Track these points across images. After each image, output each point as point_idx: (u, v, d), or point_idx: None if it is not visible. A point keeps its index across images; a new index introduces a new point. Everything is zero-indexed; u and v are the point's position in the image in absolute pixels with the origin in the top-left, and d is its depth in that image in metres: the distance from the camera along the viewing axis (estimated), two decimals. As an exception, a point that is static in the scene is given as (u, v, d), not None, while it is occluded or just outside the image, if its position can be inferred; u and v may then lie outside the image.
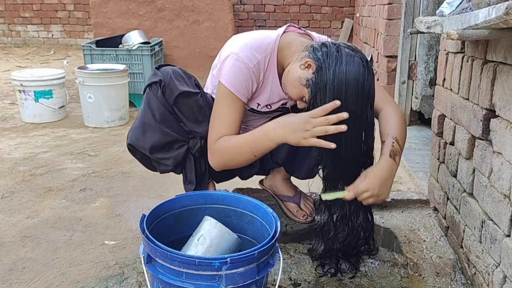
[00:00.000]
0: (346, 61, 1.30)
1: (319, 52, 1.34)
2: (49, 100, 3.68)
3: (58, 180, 2.49)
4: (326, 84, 1.30)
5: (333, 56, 1.31)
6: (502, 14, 0.93)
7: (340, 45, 1.34)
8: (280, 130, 1.37)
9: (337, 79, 1.29)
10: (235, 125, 1.49)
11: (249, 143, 1.43)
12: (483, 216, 1.42)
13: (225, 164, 1.52)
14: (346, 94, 1.29)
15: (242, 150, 1.45)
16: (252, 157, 1.46)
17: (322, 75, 1.31)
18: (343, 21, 6.83)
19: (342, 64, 1.30)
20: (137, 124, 1.64)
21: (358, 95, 1.30)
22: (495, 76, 1.35)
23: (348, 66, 1.30)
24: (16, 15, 8.11)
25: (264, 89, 1.56)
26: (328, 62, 1.31)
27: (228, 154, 1.48)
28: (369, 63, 1.34)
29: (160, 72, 1.60)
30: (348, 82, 1.29)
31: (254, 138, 1.43)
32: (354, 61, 1.31)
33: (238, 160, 1.49)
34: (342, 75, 1.29)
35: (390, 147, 1.46)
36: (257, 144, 1.42)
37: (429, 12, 3.01)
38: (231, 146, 1.46)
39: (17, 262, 1.69)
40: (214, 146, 1.49)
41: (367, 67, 1.32)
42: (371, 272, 1.61)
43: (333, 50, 1.33)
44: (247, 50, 1.47)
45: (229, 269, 1.14)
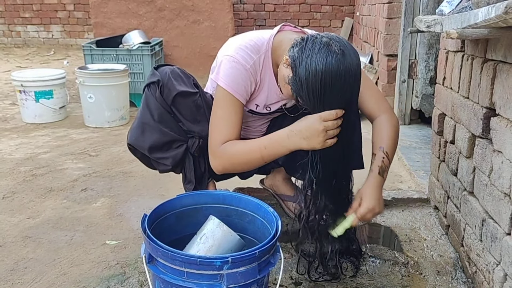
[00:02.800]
0: (317, 52, 1.25)
1: (296, 47, 1.32)
2: (50, 100, 3.68)
3: (59, 180, 2.49)
4: (301, 79, 1.27)
5: (306, 50, 1.28)
6: (502, 13, 0.94)
7: (317, 37, 1.30)
8: (294, 138, 1.36)
9: (310, 72, 1.25)
10: (237, 127, 1.49)
11: (261, 150, 1.42)
12: (484, 214, 1.42)
13: (232, 169, 1.52)
14: (324, 86, 1.25)
15: (253, 157, 1.44)
16: (262, 163, 1.47)
17: (297, 71, 1.29)
18: (343, 20, 6.82)
19: (314, 57, 1.25)
20: (136, 124, 1.64)
21: (335, 85, 1.25)
22: (495, 74, 1.35)
23: (319, 57, 1.25)
24: (16, 16, 8.11)
25: (261, 90, 1.56)
26: (301, 57, 1.28)
27: (238, 159, 1.47)
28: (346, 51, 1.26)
29: (159, 72, 1.61)
30: (321, 73, 1.24)
31: (266, 145, 1.42)
32: (327, 50, 1.25)
33: (247, 165, 1.50)
34: (313, 67, 1.24)
35: (380, 163, 1.47)
36: (270, 151, 1.42)
37: (429, 11, 3.01)
38: (242, 152, 1.46)
39: (18, 262, 1.69)
40: (219, 151, 1.47)
41: (342, 55, 1.25)
42: (371, 270, 1.61)
43: (309, 43, 1.29)
44: (243, 51, 1.47)
45: (230, 269, 1.14)
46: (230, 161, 1.48)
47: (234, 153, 1.46)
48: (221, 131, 1.48)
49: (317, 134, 1.31)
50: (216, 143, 1.48)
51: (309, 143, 1.33)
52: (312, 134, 1.32)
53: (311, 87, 1.26)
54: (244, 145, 1.47)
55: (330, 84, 1.24)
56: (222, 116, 1.49)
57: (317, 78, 1.24)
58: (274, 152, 1.42)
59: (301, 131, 1.34)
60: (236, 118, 1.49)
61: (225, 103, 1.48)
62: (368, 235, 1.90)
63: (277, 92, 1.56)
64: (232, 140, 1.47)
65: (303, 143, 1.35)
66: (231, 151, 1.46)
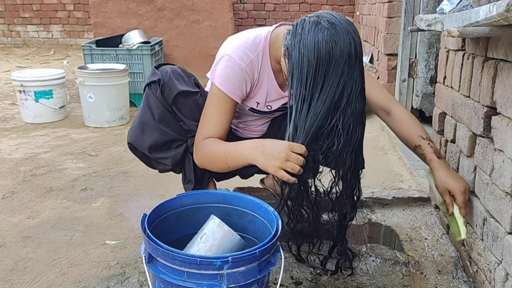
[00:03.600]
0: (307, 33, 1.22)
1: (288, 35, 1.30)
2: (50, 100, 3.68)
3: (59, 180, 2.49)
4: (295, 65, 1.25)
5: (297, 35, 1.25)
6: (503, 11, 0.93)
7: (305, 19, 1.26)
8: (253, 151, 1.36)
9: (304, 55, 1.22)
10: (224, 125, 1.50)
11: (225, 154, 1.44)
12: (485, 213, 1.41)
13: (204, 165, 1.54)
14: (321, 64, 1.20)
15: (218, 158, 1.46)
16: (226, 167, 1.47)
17: (291, 58, 1.26)
18: (343, 20, 6.82)
19: (305, 39, 1.22)
20: (136, 123, 1.64)
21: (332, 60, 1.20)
22: (496, 73, 1.35)
23: (310, 38, 1.21)
24: (16, 16, 8.11)
25: (260, 87, 1.56)
26: (293, 43, 1.25)
27: (208, 157, 1.49)
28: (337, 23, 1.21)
29: (159, 71, 1.61)
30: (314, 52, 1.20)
31: (230, 151, 1.43)
32: (316, 28, 1.21)
33: (213, 165, 1.51)
34: (306, 49, 1.21)
35: (432, 149, 1.49)
36: (232, 157, 1.43)
37: (429, 10, 3.01)
38: (212, 151, 1.47)
39: (18, 262, 1.69)
40: (199, 145, 1.50)
41: (333, 28, 1.20)
42: (372, 270, 1.60)
43: (298, 27, 1.26)
44: (240, 50, 1.48)
45: (231, 268, 1.14)
46: (204, 158, 1.50)
47: (207, 151, 1.48)
48: (207, 128, 1.49)
49: (276, 157, 1.29)
50: (200, 138, 1.50)
51: (264, 161, 1.32)
52: (271, 154, 1.31)
53: (306, 69, 1.23)
54: (217, 145, 1.47)
55: (327, 61, 1.20)
56: (211, 112, 1.50)
57: (311, 58, 1.21)
58: (234, 158, 1.42)
59: (263, 146, 1.35)
60: (224, 117, 1.49)
61: (217, 100, 1.49)
62: (369, 234, 1.90)
63: (276, 89, 1.56)
64: (215, 137, 1.48)
65: (259, 159, 1.34)
66: (206, 148, 1.48)
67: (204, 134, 1.50)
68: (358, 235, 1.87)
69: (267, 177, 2.04)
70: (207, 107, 1.52)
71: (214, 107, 1.50)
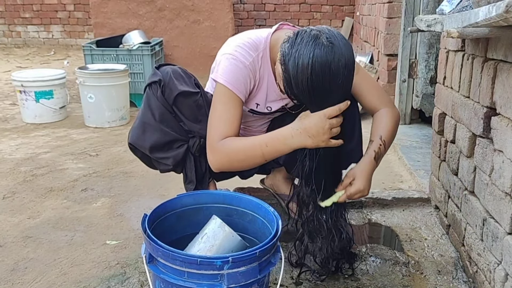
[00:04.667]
0: (305, 46, 1.24)
1: (287, 43, 1.31)
2: (50, 100, 3.68)
3: (59, 180, 2.49)
4: (291, 75, 1.27)
5: (295, 44, 1.27)
6: (502, 12, 0.93)
7: (307, 30, 1.29)
8: (298, 136, 1.35)
9: (298, 67, 1.24)
10: (235, 123, 1.47)
11: (262, 148, 1.41)
12: (485, 214, 1.42)
13: (229, 165, 1.49)
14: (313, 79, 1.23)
15: (254, 154, 1.42)
16: (263, 161, 1.45)
17: (286, 67, 1.29)
18: (343, 20, 6.82)
19: (302, 50, 1.24)
20: (137, 123, 1.64)
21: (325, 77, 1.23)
22: (496, 74, 1.35)
23: (306, 51, 1.23)
24: (16, 16, 8.11)
25: (261, 88, 1.56)
26: (290, 52, 1.27)
27: (237, 156, 1.45)
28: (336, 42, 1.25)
29: (160, 71, 1.61)
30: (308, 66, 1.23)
31: (268, 143, 1.40)
32: (315, 43, 1.24)
33: (246, 162, 1.47)
34: (300, 62, 1.24)
35: (376, 149, 1.48)
36: (272, 149, 1.40)
37: (429, 11, 3.01)
38: (241, 148, 1.44)
39: (19, 263, 1.69)
40: (218, 146, 1.45)
41: (331, 47, 1.23)
42: (372, 270, 1.61)
43: (298, 37, 1.28)
44: (241, 49, 1.48)
45: (231, 268, 1.14)
46: (228, 158, 1.45)
47: (233, 149, 1.44)
48: (220, 127, 1.46)
49: (323, 132, 1.31)
50: (215, 139, 1.45)
51: (314, 141, 1.33)
52: (318, 132, 1.32)
53: (300, 81, 1.25)
54: (244, 142, 1.46)
55: (320, 77, 1.23)
56: (221, 111, 1.47)
57: (305, 72, 1.23)
58: (276, 150, 1.41)
59: (305, 129, 1.34)
60: (235, 114, 1.47)
61: (225, 99, 1.47)
62: (369, 234, 1.90)
63: (276, 90, 1.56)
64: (231, 136, 1.46)
65: (308, 141, 1.34)
66: (230, 147, 1.44)
67: (220, 135, 1.45)
68: (358, 236, 1.87)
69: (267, 177, 2.04)
70: (216, 107, 1.48)
71: (222, 106, 1.47)
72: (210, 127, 1.49)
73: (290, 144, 1.38)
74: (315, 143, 1.34)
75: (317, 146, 1.34)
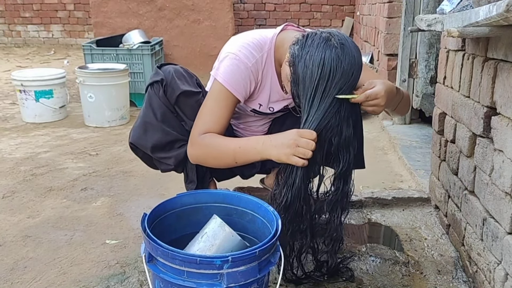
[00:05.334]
0: (316, 48, 1.26)
1: (297, 45, 1.32)
2: (50, 100, 3.68)
3: (59, 180, 2.49)
4: (300, 75, 1.27)
5: (306, 46, 1.28)
6: (503, 11, 0.93)
7: (317, 33, 1.30)
8: (266, 144, 1.36)
9: (308, 68, 1.25)
10: (222, 122, 1.48)
11: (235, 149, 1.42)
12: (485, 213, 1.41)
13: (204, 160, 1.51)
14: (323, 79, 1.24)
15: (226, 153, 1.44)
16: (233, 163, 1.45)
17: (296, 68, 1.29)
18: (344, 20, 6.82)
19: (313, 52, 1.25)
20: (138, 123, 1.64)
21: (334, 78, 1.24)
22: (496, 73, 1.35)
23: (317, 52, 1.25)
24: (16, 15, 8.10)
25: (263, 88, 1.55)
26: (301, 54, 1.28)
27: (211, 152, 1.46)
28: (346, 44, 1.26)
29: (162, 71, 1.60)
30: (319, 67, 1.24)
31: (241, 146, 1.42)
32: (326, 45, 1.25)
33: (218, 160, 1.48)
34: (311, 62, 1.25)
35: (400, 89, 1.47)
36: (243, 152, 1.41)
37: (429, 10, 3.01)
38: (217, 145, 1.45)
39: (18, 262, 1.69)
40: (197, 139, 1.47)
41: (341, 49, 1.25)
42: (372, 270, 1.61)
43: (309, 39, 1.29)
44: (245, 49, 1.47)
45: (231, 268, 1.14)
46: (203, 152, 1.47)
47: (209, 145, 1.45)
48: (205, 122, 1.47)
49: (287, 145, 1.30)
50: (197, 132, 1.47)
51: (277, 152, 1.33)
52: (282, 143, 1.32)
53: (308, 81, 1.26)
54: (221, 140, 1.46)
55: (329, 77, 1.24)
56: (211, 107, 1.48)
57: (315, 72, 1.24)
58: (246, 153, 1.41)
59: (275, 138, 1.35)
60: (224, 112, 1.48)
61: (218, 96, 1.47)
62: (369, 234, 1.90)
63: (279, 91, 1.55)
64: (214, 133, 1.47)
65: (272, 151, 1.34)
66: (207, 142, 1.45)
67: (203, 128, 1.47)
68: (358, 235, 1.87)
69: (267, 177, 2.04)
70: (207, 102, 1.49)
71: (215, 103, 1.48)
72: (197, 119, 1.49)
73: (259, 151, 1.38)
74: (277, 154, 1.33)
75: (279, 158, 1.33)
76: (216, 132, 1.47)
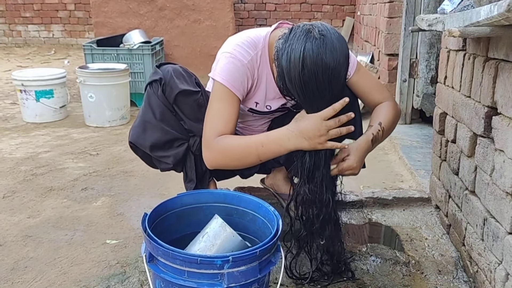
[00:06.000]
0: (297, 40, 1.25)
1: (281, 39, 1.31)
2: (50, 99, 3.68)
3: (60, 180, 2.49)
4: (283, 70, 1.27)
5: (288, 40, 1.27)
6: (504, 11, 0.93)
7: (300, 25, 1.29)
8: (294, 139, 1.35)
9: (289, 61, 1.25)
10: (232, 121, 1.47)
11: (257, 147, 1.40)
12: (485, 213, 1.41)
13: (225, 163, 1.48)
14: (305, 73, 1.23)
15: (249, 153, 1.42)
16: (258, 161, 1.44)
17: (279, 62, 1.29)
18: (344, 20, 6.82)
19: (294, 45, 1.25)
20: (137, 122, 1.64)
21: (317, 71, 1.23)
22: (497, 73, 1.35)
23: (298, 45, 1.24)
24: (17, 15, 8.11)
25: (259, 86, 1.56)
26: (283, 47, 1.28)
27: (232, 154, 1.44)
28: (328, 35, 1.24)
29: (161, 70, 1.61)
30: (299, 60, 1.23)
31: (264, 143, 1.40)
32: (306, 37, 1.24)
33: (241, 161, 1.46)
34: (292, 56, 1.24)
35: (375, 132, 1.48)
36: (267, 150, 1.40)
37: (430, 10, 3.01)
38: (237, 147, 1.43)
39: (19, 262, 1.69)
40: (214, 144, 1.44)
41: (322, 40, 1.23)
42: (373, 270, 1.60)
43: (291, 33, 1.28)
44: (240, 47, 1.48)
45: (231, 268, 1.14)
46: (223, 155, 1.45)
47: (228, 147, 1.44)
48: (216, 124, 1.45)
49: (319, 134, 1.30)
50: (211, 136, 1.45)
51: (311, 143, 1.33)
52: (314, 134, 1.31)
53: (292, 76, 1.25)
54: (240, 140, 1.45)
55: (311, 70, 1.23)
56: (218, 109, 1.47)
57: (297, 65, 1.24)
58: (271, 151, 1.40)
59: (302, 131, 1.33)
60: (232, 112, 1.47)
61: (222, 96, 1.47)
62: (369, 234, 1.90)
63: (275, 89, 1.55)
64: (227, 134, 1.45)
65: (304, 144, 1.34)
66: (226, 145, 1.43)
67: (215, 132, 1.44)
68: (359, 235, 1.87)
69: (267, 177, 2.04)
70: (212, 105, 1.48)
71: (220, 103, 1.46)
72: (206, 124, 1.48)
73: (286, 146, 1.37)
74: (312, 145, 1.33)
75: (314, 148, 1.34)
76: (228, 132, 1.45)
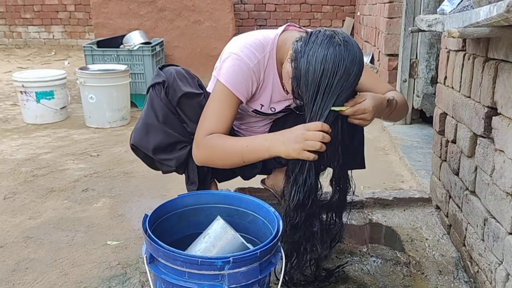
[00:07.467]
0: (320, 44, 1.26)
1: (300, 41, 1.32)
2: (51, 101, 3.68)
3: (60, 181, 2.49)
4: (302, 71, 1.27)
5: (310, 43, 1.28)
6: (503, 11, 0.93)
7: (321, 30, 1.30)
8: (274, 141, 1.35)
9: (310, 63, 1.25)
10: (227, 122, 1.47)
11: (242, 148, 1.41)
12: (486, 214, 1.41)
13: (211, 161, 1.50)
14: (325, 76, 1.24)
15: (234, 153, 1.43)
16: (241, 162, 1.45)
17: (298, 63, 1.29)
18: (344, 20, 6.82)
19: (316, 48, 1.26)
20: (140, 124, 1.64)
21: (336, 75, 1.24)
22: (497, 74, 1.35)
23: (321, 49, 1.25)
24: (17, 16, 8.11)
25: (265, 89, 1.56)
26: (304, 50, 1.28)
27: (218, 152, 1.46)
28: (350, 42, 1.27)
29: (164, 72, 1.60)
30: (321, 63, 1.24)
31: (248, 145, 1.41)
32: (330, 42, 1.25)
33: (225, 161, 1.47)
34: (314, 59, 1.25)
35: (391, 98, 1.46)
36: (251, 151, 1.40)
37: (430, 10, 3.01)
38: (223, 145, 1.44)
39: (20, 263, 1.69)
40: (203, 141, 1.46)
41: (345, 46, 1.25)
42: (373, 270, 1.61)
43: (313, 36, 1.29)
44: (248, 49, 1.47)
45: (232, 269, 1.14)
46: (209, 153, 1.46)
47: (215, 145, 1.45)
48: (210, 123, 1.46)
49: (295, 140, 1.30)
50: (202, 133, 1.46)
51: (286, 149, 1.32)
52: (289, 139, 1.31)
53: (311, 78, 1.26)
54: (228, 140, 1.46)
55: (331, 74, 1.24)
56: (215, 108, 1.48)
57: (317, 68, 1.24)
58: (254, 152, 1.40)
59: (282, 135, 1.34)
60: (228, 113, 1.47)
61: (221, 97, 1.47)
62: (370, 235, 1.90)
63: (280, 91, 1.56)
64: (219, 133, 1.46)
65: (281, 148, 1.34)
66: (213, 143, 1.45)
67: (207, 130, 1.46)
68: (359, 236, 1.87)
69: (268, 177, 2.04)
70: (210, 103, 1.49)
71: (218, 104, 1.47)
72: (201, 121, 1.49)
73: (267, 148, 1.37)
74: (286, 150, 1.32)
75: (288, 154, 1.32)
76: (221, 132, 1.47)
